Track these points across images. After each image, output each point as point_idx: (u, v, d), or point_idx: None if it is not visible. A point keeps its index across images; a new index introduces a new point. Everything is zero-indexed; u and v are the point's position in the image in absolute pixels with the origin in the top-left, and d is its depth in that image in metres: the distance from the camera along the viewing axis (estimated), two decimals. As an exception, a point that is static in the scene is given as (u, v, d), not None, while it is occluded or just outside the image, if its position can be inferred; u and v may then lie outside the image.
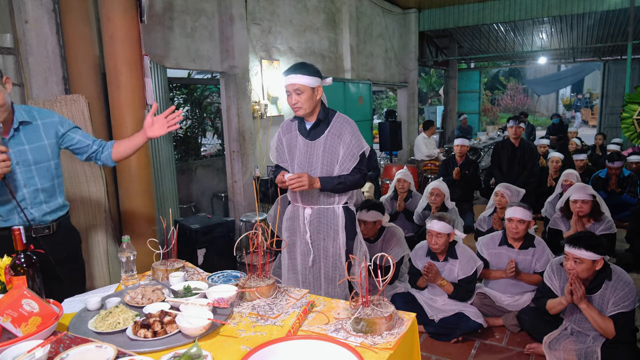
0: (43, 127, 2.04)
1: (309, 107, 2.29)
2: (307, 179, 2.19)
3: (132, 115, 3.36)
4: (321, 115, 2.34)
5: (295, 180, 2.18)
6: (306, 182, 2.18)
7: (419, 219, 4.73)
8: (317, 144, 2.35)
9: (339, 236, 2.40)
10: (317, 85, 2.28)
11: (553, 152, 6.00)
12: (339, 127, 2.33)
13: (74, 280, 2.16)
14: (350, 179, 2.30)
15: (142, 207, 3.48)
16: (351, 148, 2.30)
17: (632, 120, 7.09)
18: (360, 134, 2.35)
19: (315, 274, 2.47)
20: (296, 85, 2.24)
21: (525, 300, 3.25)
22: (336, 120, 2.35)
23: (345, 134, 2.31)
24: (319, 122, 2.35)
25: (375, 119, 17.12)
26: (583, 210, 3.71)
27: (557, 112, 20.45)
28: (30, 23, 3.21)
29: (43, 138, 2.03)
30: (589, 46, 12.38)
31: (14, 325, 1.41)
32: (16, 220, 1.96)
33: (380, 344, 1.45)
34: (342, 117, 2.38)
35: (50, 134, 2.06)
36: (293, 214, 2.50)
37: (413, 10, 10.41)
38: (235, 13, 5.06)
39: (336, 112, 2.39)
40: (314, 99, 2.28)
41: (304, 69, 2.25)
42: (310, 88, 2.25)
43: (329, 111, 2.39)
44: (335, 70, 7.53)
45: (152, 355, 1.39)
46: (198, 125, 7.84)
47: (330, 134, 2.33)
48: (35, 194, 2.00)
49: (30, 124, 2.00)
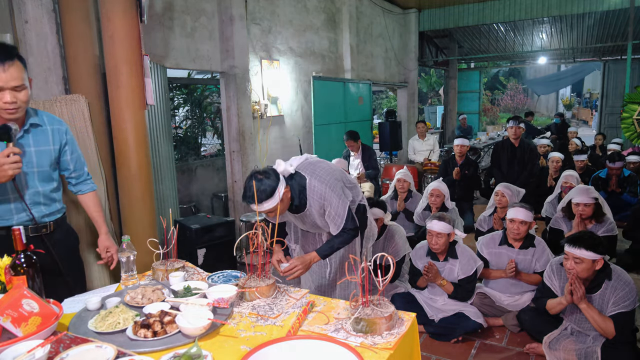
0: (52, 132, 2.05)
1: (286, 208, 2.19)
2: (302, 266, 2.15)
3: (132, 115, 3.36)
4: (296, 201, 2.23)
5: (290, 272, 2.12)
6: (301, 269, 2.15)
7: (419, 219, 4.73)
8: (306, 214, 2.30)
9: (355, 242, 2.43)
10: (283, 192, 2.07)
11: (553, 152, 5.99)
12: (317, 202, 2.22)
13: (75, 279, 2.17)
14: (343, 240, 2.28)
15: (142, 207, 3.47)
16: (333, 217, 2.23)
17: (632, 120, 7.09)
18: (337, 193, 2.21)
19: (332, 283, 2.53)
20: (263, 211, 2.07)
21: (525, 300, 3.25)
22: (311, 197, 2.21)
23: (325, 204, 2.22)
24: (298, 207, 2.27)
25: (375, 119, 17.11)
26: (585, 212, 3.71)
27: (558, 112, 20.44)
28: (30, 23, 3.21)
29: (50, 143, 2.04)
30: (589, 46, 12.38)
31: (14, 325, 1.41)
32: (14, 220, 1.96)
33: (380, 344, 1.45)
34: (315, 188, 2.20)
35: (57, 141, 2.08)
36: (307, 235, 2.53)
37: (413, 10, 10.41)
38: (235, 13, 5.06)
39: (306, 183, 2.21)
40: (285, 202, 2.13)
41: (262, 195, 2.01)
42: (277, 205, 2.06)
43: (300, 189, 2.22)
44: (335, 70, 7.53)
45: (152, 355, 1.39)
46: (198, 125, 7.84)
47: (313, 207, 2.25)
48: (35, 196, 2.01)
49: (40, 127, 2.01)
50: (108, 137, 3.54)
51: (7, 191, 1.92)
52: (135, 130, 3.38)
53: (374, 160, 5.73)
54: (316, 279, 2.57)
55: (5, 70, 1.75)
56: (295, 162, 2.26)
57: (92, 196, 2.29)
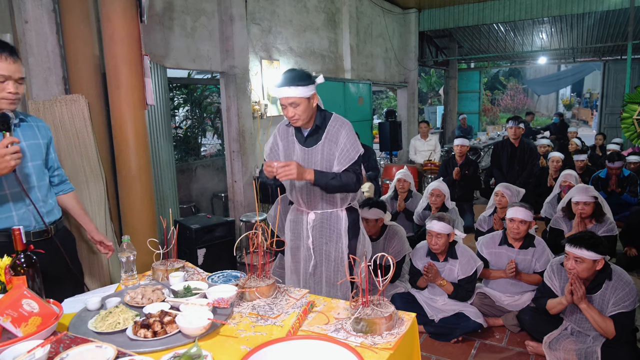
0: (37, 128, 2.08)
1: (307, 117, 2.21)
2: (295, 168, 2.05)
3: (132, 115, 3.36)
4: (318, 121, 2.26)
5: (282, 169, 2.04)
6: (294, 171, 2.04)
7: (419, 219, 4.73)
8: (314, 151, 2.29)
9: (341, 239, 2.38)
10: (313, 92, 2.17)
11: (553, 152, 5.99)
12: (335, 132, 2.26)
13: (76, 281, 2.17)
14: (344, 177, 2.21)
15: (142, 207, 3.48)
16: (345, 152, 2.24)
17: (632, 120, 7.09)
18: (355, 137, 2.29)
19: (317, 278, 2.46)
20: (291, 99, 2.12)
21: (525, 300, 3.25)
22: (332, 125, 2.27)
23: (340, 138, 2.25)
24: (317, 129, 2.28)
25: (375, 119, 17.11)
26: (585, 211, 3.71)
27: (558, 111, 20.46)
28: (30, 23, 3.21)
29: (38, 137, 2.06)
30: (589, 46, 12.38)
31: (14, 325, 1.41)
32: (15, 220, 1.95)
33: (380, 344, 1.45)
34: (338, 120, 2.30)
35: (44, 135, 2.10)
36: (296, 217, 2.47)
37: (413, 10, 10.41)
38: (235, 13, 5.06)
39: (332, 115, 2.31)
40: (310, 107, 2.19)
41: (297, 79, 2.12)
42: (306, 99, 2.14)
43: (326, 114, 2.30)
44: (335, 70, 7.53)
45: (152, 355, 1.39)
46: (198, 125, 7.84)
47: (327, 140, 2.27)
48: (32, 191, 2.00)
49: (27, 122, 2.04)
50: (108, 137, 3.54)
51: (3, 187, 1.90)
52: (135, 130, 3.39)
53: (374, 160, 5.72)
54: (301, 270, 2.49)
55: (14, 62, 1.86)
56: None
57: (74, 195, 2.31)
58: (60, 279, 2.07)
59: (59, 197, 2.24)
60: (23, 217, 1.96)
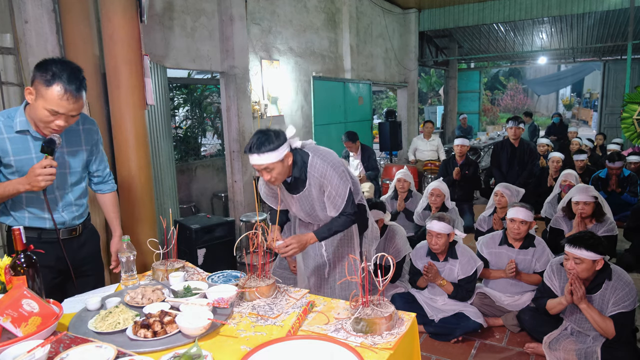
0: (83, 132, 2.05)
1: (284, 176, 2.11)
2: (297, 246, 2.08)
3: (132, 115, 3.36)
4: (296, 173, 2.16)
5: (285, 249, 2.07)
6: (296, 248, 2.09)
7: (419, 219, 4.73)
8: (304, 196, 2.25)
9: (353, 239, 2.43)
10: (286, 152, 2.04)
11: (553, 152, 5.99)
12: (318, 179, 2.16)
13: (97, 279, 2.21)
14: (341, 223, 2.22)
15: (142, 207, 3.48)
16: (332, 199, 2.18)
17: (632, 120, 7.09)
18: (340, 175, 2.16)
19: (332, 283, 2.51)
20: (263, 165, 2.00)
21: (525, 300, 3.25)
22: (312, 173, 2.15)
23: (325, 184, 2.16)
24: (296, 180, 2.22)
25: (375, 119, 17.11)
26: (585, 211, 3.71)
27: (558, 111, 20.48)
28: (30, 23, 3.21)
29: (82, 143, 2.05)
30: (589, 46, 12.38)
31: (14, 325, 1.41)
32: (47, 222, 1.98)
33: (380, 344, 1.45)
34: (316, 164, 2.14)
35: (88, 141, 2.08)
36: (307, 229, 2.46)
37: (413, 10, 10.41)
38: (235, 13, 5.06)
39: (309, 158, 2.15)
40: (285, 167, 2.07)
41: (268, 145, 1.96)
42: (279, 162, 2.02)
43: (302, 161, 2.16)
44: (335, 70, 7.53)
45: (152, 355, 1.39)
46: (198, 125, 7.84)
47: (312, 187, 2.21)
48: (67, 197, 2.02)
49: (73, 127, 2.00)
50: (108, 137, 3.54)
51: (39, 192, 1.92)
52: (135, 130, 3.39)
53: (374, 160, 5.72)
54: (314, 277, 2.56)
55: (76, 101, 1.78)
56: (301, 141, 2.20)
57: (111, 196, 2.28)
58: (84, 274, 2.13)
59: (96, 195, 2.25)
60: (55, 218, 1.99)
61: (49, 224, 1.98)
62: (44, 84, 1.71)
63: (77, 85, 1.75)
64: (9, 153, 1.85)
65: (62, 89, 1.71)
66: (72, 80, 1.73)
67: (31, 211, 1.96)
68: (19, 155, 1.87)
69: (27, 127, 1.86)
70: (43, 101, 1.74)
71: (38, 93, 1.74)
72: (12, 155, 1.86)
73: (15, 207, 1.96)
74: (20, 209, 1.95)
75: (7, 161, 1.86)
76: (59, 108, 1.74)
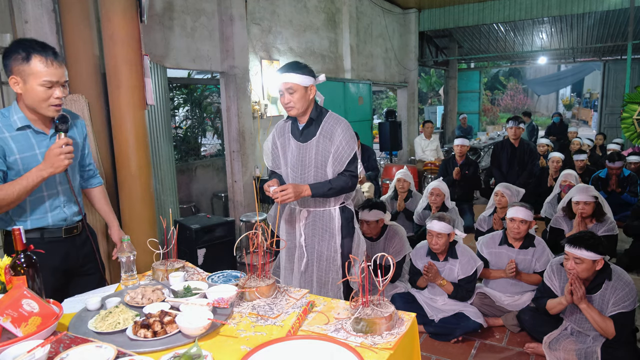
0: (75, 126, 2.07)
1: (302, 107, 2.27)
2: (292, 191, 2.14)
3: (132, 115, 3.36)
4: (313, 114, 2.32)
5: (280, 194, 2.13)
6: (292, 194, 2.13)
7: (419, 219, 4.73)
8: (309, 146, 2.32)
9: (334, 238, 2.38)
10: (310, 84, 2.26)
11: (553, 152, 5.99)
12: (330, 127, 2.30)
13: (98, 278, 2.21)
14: (340, 183, 2.27)
15: (142, 207, 3.47)
16: (340, 151, 2.26)
17: (632, 120, 7.09)
18: (351, 135, 2.31)
19: (307, 278, 2.47)
20: (289, 84, 2.21)
21: (525, 300, 3.25)
22: (327, 121, 2.32)
23: (335, 135, 2.27)
24: (311, 122, 2.33)
25: (375, 119, 17.12)
26: (585, 211, 3.71)
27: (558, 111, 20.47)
28: (30, 23, 3.21)
29: (76, 136, 2.06)
30: (589, 46, 12.38)
31: (14, 325, 1.41)
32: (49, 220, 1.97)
33: (380, 344, 1.45)
34: (333, 117, 2.34)
35: (80, 133, 2.10)
36: (290, 217, 2.49)
37: (413, 10, 10.41)
38: (235, 13, 5.06)
39: (328, 112, 2.36)
40: (306, 98, 2.26)
41: (297, 68, 2.23)
42: (302, 87, 2.23)
43: (322, 110, 2.36)
44: (335, 70, 7.53)
45: (152, 355, 1.39)
46: (198, 125, 7.84)
47: (322, 135, 2.30)
48: (68, 192, 2.02)
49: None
50: (108, 137, 3.54)
51: (41, 188, 1.92)
52: (135, 130, 3.38)
53: (374, 160, 5.72)
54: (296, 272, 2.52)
55: (60, 66, 1.82)
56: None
57: (101, 189, 2.29)
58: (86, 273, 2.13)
59: (85, 190, 2.25)
60: (57, 217, 1.99)
61: (51, 220, 1.97)
62: (24, 63, 1.75)
63: (52, 50, 1.80)
64: (14, 151, 1.85)
65: (42, 57, 1.76)
66: (45, 48, 1.79)
67: (34, 215, 1.96)
68: (24, 153, 1.87)
69: (27, 122, 1.87)
70: (33, 78, 1.76)
71: (23, 75, 1.77)
72: (18, 154, 1.85)
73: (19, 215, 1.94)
74: (24, 215, 1.94)
75: (11, 160, 1.85)
76: (51, 77, 1.78)
